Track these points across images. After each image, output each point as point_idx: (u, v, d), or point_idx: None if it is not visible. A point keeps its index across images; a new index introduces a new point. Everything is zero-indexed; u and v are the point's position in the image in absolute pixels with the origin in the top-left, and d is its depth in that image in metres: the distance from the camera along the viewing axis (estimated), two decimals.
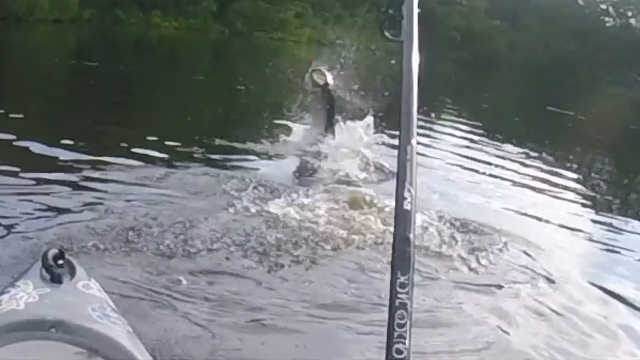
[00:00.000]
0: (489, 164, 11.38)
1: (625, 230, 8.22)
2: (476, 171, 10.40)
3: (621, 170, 15.97)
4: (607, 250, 7.03)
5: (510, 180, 10.18)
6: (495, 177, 10.21)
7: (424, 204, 6.14)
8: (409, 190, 1.54)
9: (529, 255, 5.68)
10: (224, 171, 7.14)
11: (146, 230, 4.82)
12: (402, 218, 1.53)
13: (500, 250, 5.59)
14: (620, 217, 9.04)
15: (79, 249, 4.35)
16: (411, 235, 1.52)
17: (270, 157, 8.44)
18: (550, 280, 5.18)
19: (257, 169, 7.60)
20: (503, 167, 11.25)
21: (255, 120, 9.88)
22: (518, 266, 5.38)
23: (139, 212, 5.27)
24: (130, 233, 4.74)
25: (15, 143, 7.31)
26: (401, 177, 1.57)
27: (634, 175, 15.40)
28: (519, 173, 11.05)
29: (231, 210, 5.57)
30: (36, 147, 7.25)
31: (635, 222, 8.88)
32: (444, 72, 37.02)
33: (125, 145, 7.91)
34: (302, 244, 5.00)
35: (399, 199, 1.55)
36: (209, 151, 8.22)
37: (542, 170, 11.90)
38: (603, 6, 79.24)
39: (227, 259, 4.61)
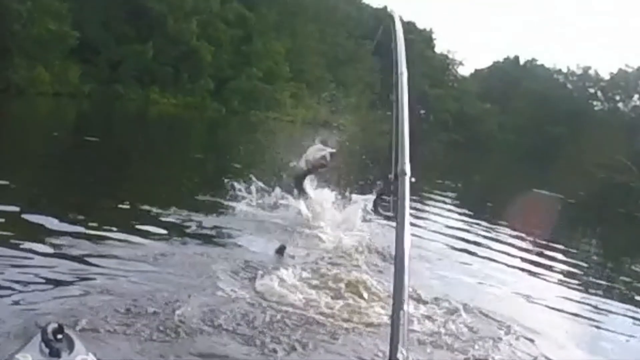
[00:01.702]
0: (481, 245, 11.63)
1: (610, 312, 8.48)
2: (469, 253, 10.60)
3: (608, 252, 16.21)
4: (596, 330, 7.36)
5: (502, 263, 10.38)
6: (488, 259, 10.44)
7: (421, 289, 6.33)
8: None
9: (527, 338, 5.87)
10: (217, 249, 7.29)
11: (141, 309, 4.88)
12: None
13: (499, 336, 5.75)
14: (606, 300, 9.27)
15: (76, 324, 4.44)
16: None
17: (262, 235, 8.61)
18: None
19: (248, 248, 7.75)
20: (495, 250, 11.48)
21: (248, 199, 10.12)
22: (519, 351, 5.57)
23: (134, 290, 5.36)
24: (127, 311, 4.81)
25: (20, 215, 7.46)
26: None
27: (620, 257, 15.63)
28: (510, 255, 11.28)
29: (224, 291, 5.60)
30: (38, 219, 7.36)
31: (619, 304, 9.13)
32: (437, 154, 37.52)
33: (123, 220, 8.06)
34: (296, 328, 5.03)
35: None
36: (204, 228, 8.37)
37: (533, 253, 12.13)
38: (592, 90, 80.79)
39: (221, 342, 4.63)
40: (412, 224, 1.89)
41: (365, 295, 5.96)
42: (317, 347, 4.83)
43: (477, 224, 14.65)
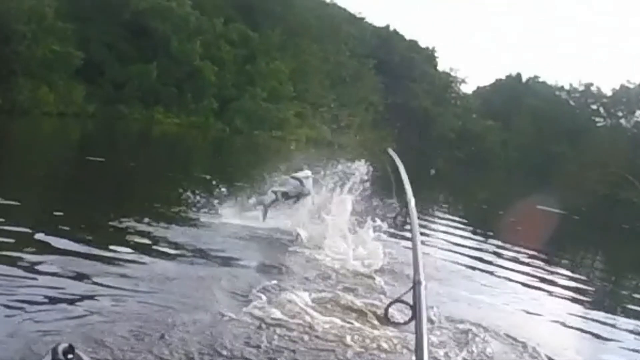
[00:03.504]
0: (487, 262, 11.68)
1: (615, 327, 8.55)
2: (476, 270, 10.67)
3: (611, 267, 16.24)
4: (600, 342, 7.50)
5: (510, 280, 10.45)
6: (496, 275, 10.52)
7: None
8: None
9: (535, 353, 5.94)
10: (222, 269, 7.38)
11: (148, 331, 4.93)
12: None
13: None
14: (609, 314, 9.36)
15: (86, 344, 4.46)
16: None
17: (267, 254, 8.67)
18: None
19: (254, 267, 7.80)
20: (502, 267, 11.55)
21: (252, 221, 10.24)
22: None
23: (141, 311, 5.42)
24: (134, 332, 4.86)
25: (28, 235, 7.52)
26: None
27: (622, 271, 15.68)
28: (518, 272, 11.35)
29: (227, 314, 5.59)
30: (46, 239, 7.46)
31: (621, 318, 9.22)
32: (441, 172, 37.55)
33: (128, 239, 8.12)
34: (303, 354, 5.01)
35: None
36: (209, 247, 8.42)
37: (540, 269, 12.19)
38: (594, 106, 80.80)
39: None
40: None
41: (375, 320, 5.96)
42: None
43: (483, 241, 14.69)
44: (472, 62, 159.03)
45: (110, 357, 4.42)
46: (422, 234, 1.89)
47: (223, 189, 10.74)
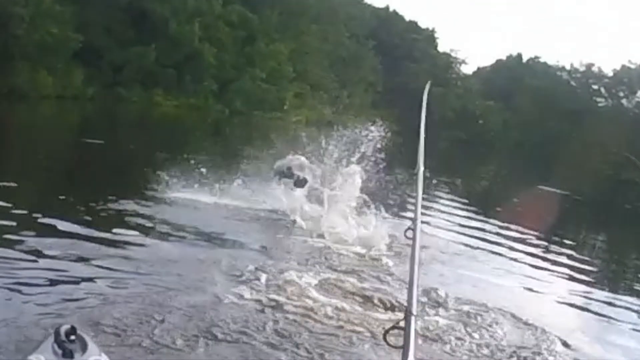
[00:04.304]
0: (494, 243, 11.66)
1: (615, 305, 8.62)
2: (482, 250, 10.64)
3: (614, 247, 16.25)
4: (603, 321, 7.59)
5: (514, 260, 10.45)
6: (500, 255, 10.50)
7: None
8: None
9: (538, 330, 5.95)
10: (223, 250, 7.34)
11: (150, 313, 4.91)
12: None
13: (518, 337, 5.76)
14: (612, 293, 9.36)
15: (88, 325, 4.42)
16: None
17: (267, 233, 8.62)
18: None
19: (254, 248, 7.74)
20: (507, 247, 11.55)
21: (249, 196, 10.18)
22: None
23: (142, 293, 5.41)
24: (136, 313, 4.86)
25: (28, 217, 7.47)
26: None
27: (625, 252, 15.69)
28: (522, 252, 11.35)
29: (230, 296, 5.57)
30: (47, 221, 7.45)
31: (625, 297, 9.19)
32: (443, 152, 37.52)
33: (129, 221, 8.09)
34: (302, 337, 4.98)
35: None
36: (210, 228, 8.39)
37: (542, 248, 12.19)
38: (595, 87, 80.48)
39: (224, 351, 4.58)
40: (423, 222, 1.90)
41: (377, 304, 5.87)
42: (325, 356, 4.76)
43: (485, 221, 14.62)
44: (473, 42, 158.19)
45: (111, 339, 4.39)
46: (424, 214, 1.83)
47: (223, 171, 10.69)
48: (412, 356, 1.94)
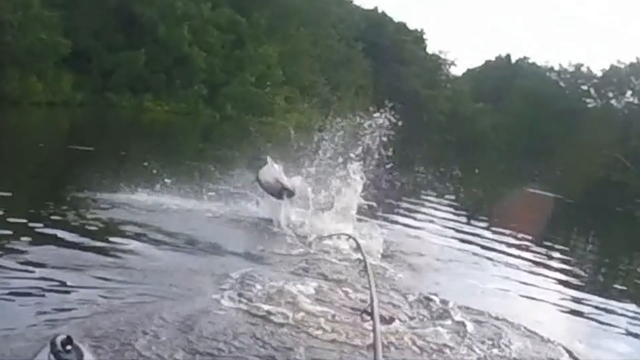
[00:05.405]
0: (486, 248, 11.68)
1: (607, 310, 8.67)
2: (474, 255, 10.69)
3: (605, 249, 16.35)
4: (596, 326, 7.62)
5: (506, 264, 10.47)
6: (494, 261, 10.54)
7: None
8: None
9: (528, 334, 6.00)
10: (215, 258, 7.34)
11: (145, 322, 4.90)
12: None
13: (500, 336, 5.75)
14: (602, 298, 9.42)
15: (84, 335, 4.40)
16: None
17: (259, 241, 8.63)
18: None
19: (244, 257, 7.73)
20: (498, 251, 11.55)
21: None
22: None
23: (138, 302, 5.41)
24: (131, 323, 4.84)
25: (22, 226, 7.42)
26: None
27: (616, 254, 15.80)
28: (514, 256, 11.36)
29: (223, 304, 5.57)
30: (42, 230, 7.43)
31: (615, 303, 9.27)
32: (432, 155, 37.60)
33: (122, 229, 8.07)
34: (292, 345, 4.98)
35: None
36: (203, 235, 8.39)
37: (534, 252, 12.23)
38: (584, 87, 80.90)
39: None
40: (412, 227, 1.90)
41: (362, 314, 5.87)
42: None
43: (477, 226, 14.67)
44: (462, 44, 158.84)
45: (106, 348, 4.36)
46: (415, 218, 1.85)
47: (217, 174, 10.71)
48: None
